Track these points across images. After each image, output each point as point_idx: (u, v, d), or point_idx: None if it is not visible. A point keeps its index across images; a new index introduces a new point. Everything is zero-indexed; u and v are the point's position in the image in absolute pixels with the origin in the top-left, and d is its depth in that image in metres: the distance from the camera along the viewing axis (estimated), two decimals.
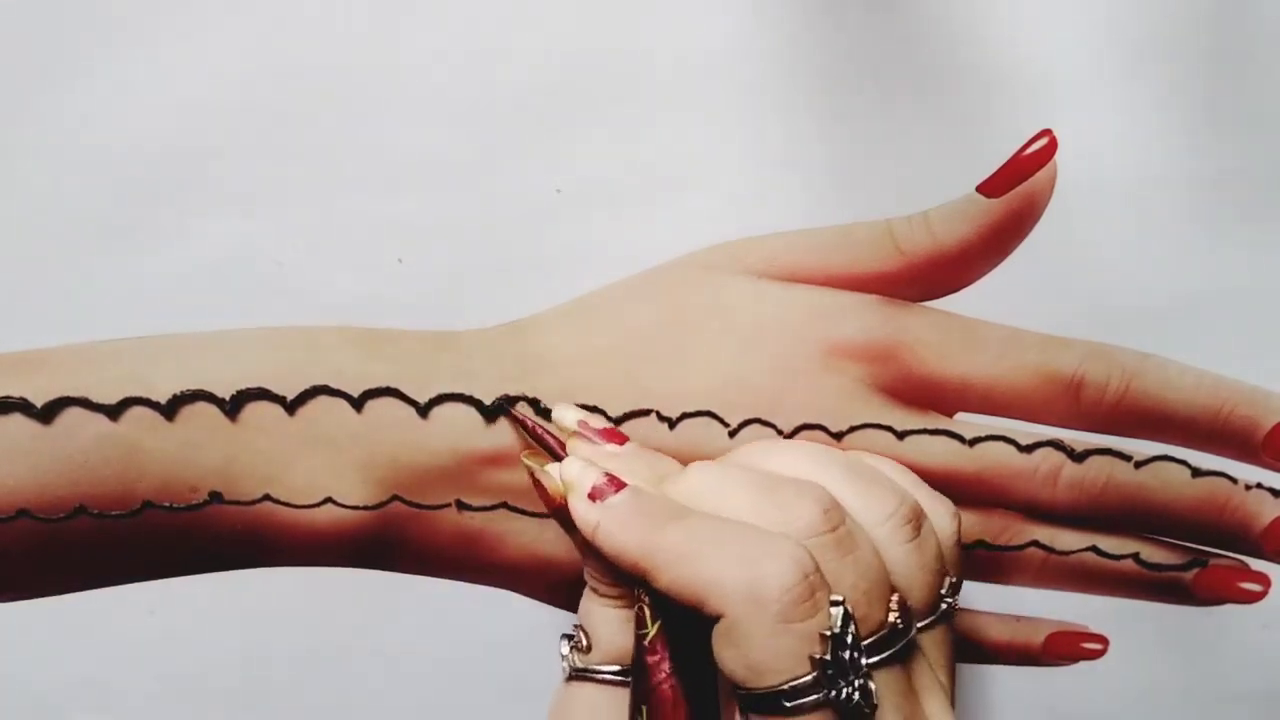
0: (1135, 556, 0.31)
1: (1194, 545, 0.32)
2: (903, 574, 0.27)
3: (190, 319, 0.31)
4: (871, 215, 0.32)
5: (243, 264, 0.49)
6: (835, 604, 0.24)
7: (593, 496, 0.27)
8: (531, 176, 0.48)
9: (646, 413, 0.30)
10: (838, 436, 0.30)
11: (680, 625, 0.26)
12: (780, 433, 0.30)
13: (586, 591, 0.29)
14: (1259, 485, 0.31)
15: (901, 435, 0.30)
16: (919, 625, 0.27)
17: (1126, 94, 0.47)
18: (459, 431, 0.29)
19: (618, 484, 0.27)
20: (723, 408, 0.30)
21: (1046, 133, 0.29)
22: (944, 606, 0.28)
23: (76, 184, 0.48)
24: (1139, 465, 0.31)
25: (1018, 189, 0.29)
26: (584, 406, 0.29)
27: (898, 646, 0.26)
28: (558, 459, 0.28)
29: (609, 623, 0.28)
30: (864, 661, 0.25)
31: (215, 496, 0.27)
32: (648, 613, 0.26)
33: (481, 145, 0.48)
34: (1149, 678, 0.52)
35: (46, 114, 0.48)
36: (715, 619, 0.24)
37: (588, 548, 0.27)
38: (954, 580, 0.29)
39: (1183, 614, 0.34)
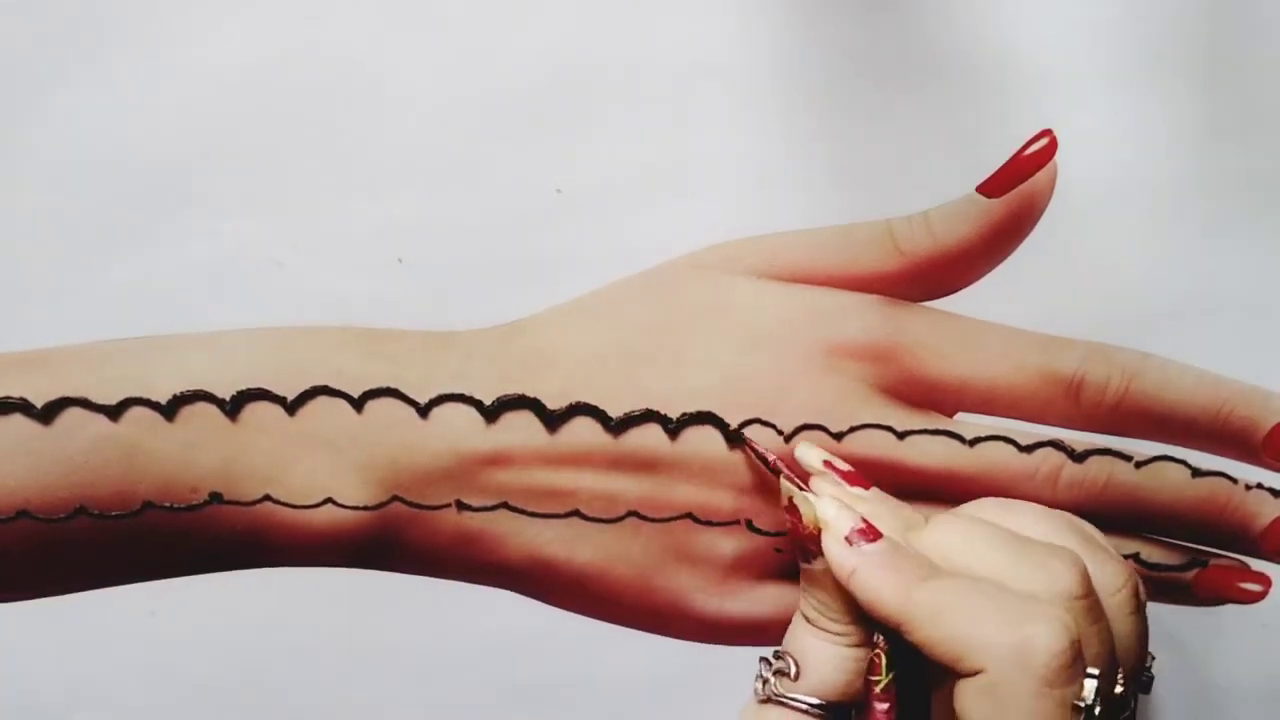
0: (1135, 556, 0.31)
1: (1194, 545, 0.32)
2: (1124, 645, 0.27)
3: (190, 319, 0.31)
4: (871, 215, 0.32)
5: (243, 264, 0.49)
6: (1090, 676, 0.25)
7: (848, 541, 0.27)
8: (531, 176, 0.48)
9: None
10: (838, 437, 0.30)
11: (906, 677, 0.27)
12: (780, 433, 0.30)
13: (799, 619, 0.29)
14: (1259, 485, 0.31)
15: (901, 435, 0.30)
16: None
17: (1127, 94, 0.47)
18: (459, 431, 0.29)
19: (874, 533, 0.27)
20: (723, 408, 0.30)
21: (1046, 133, 0.29)
22: (1144, 678, 0.29)
23: (76, 185, 0.48)
24: (1139, 465, 0.30)
25: (1018, 189, 0.29)
26: (587, 405, 0.29)
27: (1121, 718, 0.26)
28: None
29: (822, 657, 0.28)
30: None
31: (215, 497, 0.27)
32: (884, 661, 0.27)
33: (481, 145, 0.48)
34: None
35: (46, 115, 0.48)
36: (967, 675, 0.25)
37: (819, 582, 0.28)
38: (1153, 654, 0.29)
39: (1183, 614, 0.34)
